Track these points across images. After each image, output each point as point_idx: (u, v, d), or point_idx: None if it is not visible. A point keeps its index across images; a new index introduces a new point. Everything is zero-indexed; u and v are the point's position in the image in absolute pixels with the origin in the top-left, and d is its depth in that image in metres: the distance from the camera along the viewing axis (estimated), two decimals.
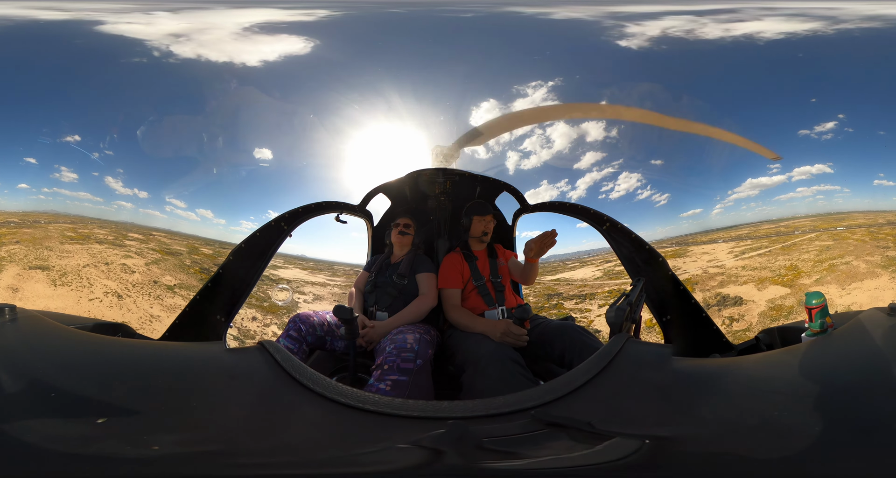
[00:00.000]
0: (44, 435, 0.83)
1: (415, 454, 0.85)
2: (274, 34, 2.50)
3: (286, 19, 2.64)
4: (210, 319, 2.03)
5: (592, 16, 2.65)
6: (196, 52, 2.42)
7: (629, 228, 2.15)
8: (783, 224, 2.75)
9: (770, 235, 2.82)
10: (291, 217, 2.12)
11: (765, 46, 2.59)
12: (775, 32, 2.64)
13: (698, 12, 2.68)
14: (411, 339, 1.69)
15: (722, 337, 2.04)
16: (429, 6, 2.74)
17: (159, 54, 2.42)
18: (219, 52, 2.42)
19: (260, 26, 2.56)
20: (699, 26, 2.60)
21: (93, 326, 1.55)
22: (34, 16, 2.78)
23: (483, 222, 2.20)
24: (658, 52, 2.55)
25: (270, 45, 2.43)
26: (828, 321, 1.18)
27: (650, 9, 2.68)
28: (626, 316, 1.36)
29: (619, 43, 2.50)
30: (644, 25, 2.55)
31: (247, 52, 2.42)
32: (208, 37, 2.49)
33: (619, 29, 2.54)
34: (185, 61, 2.40)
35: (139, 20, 2.65)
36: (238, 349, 1.11)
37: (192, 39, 2.46)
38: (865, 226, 2.86)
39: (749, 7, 2.85)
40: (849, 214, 2.71)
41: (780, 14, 2.80)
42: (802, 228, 2.84)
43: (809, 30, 2.65)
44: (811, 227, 2.81)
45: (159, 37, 2.48)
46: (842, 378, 0.96)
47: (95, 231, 2.69)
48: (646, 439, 0.84)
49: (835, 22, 2.68)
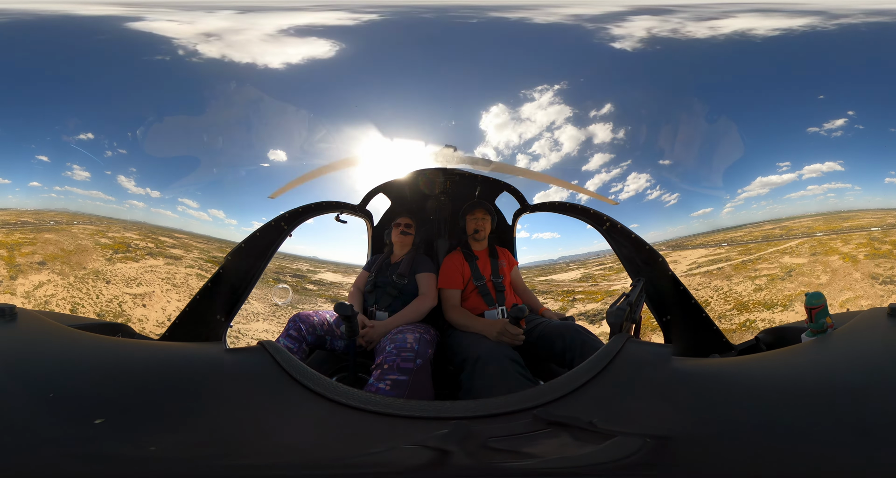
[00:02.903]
0: (43, 435, 0.83)
1: (416, 455, 0.85)
2: (303, 37, 2.49)
3: (326, 23, 2.61)
4: (210, 319, 2.03)
5: (567, 20, 2.64)
6: (222, 52, 2.40)
7: (629, 229, 2.15)
8: (783, 224, 2.71)
9: (749, 242, 2.74)
10: (291, 217, 2.12)
11: (762, 43, 2.57)
12: (768, 29, 2.61)
13: (661, 10, 2.66)
14: (411, 338, 1.69)
15: (722, 337, 2.04)
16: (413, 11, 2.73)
17: (184, 53, 2.39)
18: (243, 53, 2.40)
19: (297, 29, 2.55)
20: (679, 25, 2.58)
21: (93, 326, 1.55)
22: (70, 10, 2.74)
23: (474, 220, 2.20)
24: (653, 53, 2.54)
25: (296, 47, 2.41)
26: (828, 321, 1.18)
27: (614, 9, 2.66)
28: (626, 316, 1.36)
29: (613, 45, 2.49)
30: (623, 26, 2.53)
31: (271, 53, 2.40)
32: (238, 38, 2.47)
33: (605, 31, 2.53)
34: (209, 61, 2.38)
35: (180, 19, 2.62)
36: (238, 349, 1.11)
37: (222, 39, 2.44)
38: (868, 228, 2.77)
39: (726, 3, 2.83)
40: (856, 213, 2.64)
41: (759, 10, 2.77)
42: (796, 232, 2.75)
43: (807, 25, 2.63)
44: (805, 229, 2.75)
45: (189, 36, 2.45)
46: (842, 378, 0.96)
47: (126, 235, 2.54)
48: (646, 438, 0.84)
49: (829, 17, 2.66)
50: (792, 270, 2.80)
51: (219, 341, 1.96)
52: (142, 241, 2.54)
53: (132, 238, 2.54)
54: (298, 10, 2.83)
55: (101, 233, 2.56)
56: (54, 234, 2.57)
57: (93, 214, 2.46)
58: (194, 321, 2.02)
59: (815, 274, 2.81)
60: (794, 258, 2.81)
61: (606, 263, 2.67)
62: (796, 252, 2.81)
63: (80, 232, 2.56)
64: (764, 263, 2.80)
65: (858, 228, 2.77)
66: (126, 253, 2.58)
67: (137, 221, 2.42)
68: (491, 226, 2.27)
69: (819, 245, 2.82)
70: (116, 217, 2.44)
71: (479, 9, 2.68)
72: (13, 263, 2.60)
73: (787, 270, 2.78)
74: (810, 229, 2.74)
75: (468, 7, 2.71)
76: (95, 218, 2.47)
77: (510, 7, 2.73)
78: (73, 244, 2.59)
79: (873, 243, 2.84)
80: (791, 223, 2.69)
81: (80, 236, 2.57)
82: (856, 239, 2.83)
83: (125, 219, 2.43)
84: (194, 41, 2.42)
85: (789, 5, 2.85)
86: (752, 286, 2.73)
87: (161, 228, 2.45)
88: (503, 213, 2.56)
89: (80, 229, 2.55)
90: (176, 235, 2.49)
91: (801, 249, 2.82)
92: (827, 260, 2.85)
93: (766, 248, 2.77)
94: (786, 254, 2.80)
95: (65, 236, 2.58)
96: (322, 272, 2.91)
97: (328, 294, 3.10)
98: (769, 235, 2.72)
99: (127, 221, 2.43)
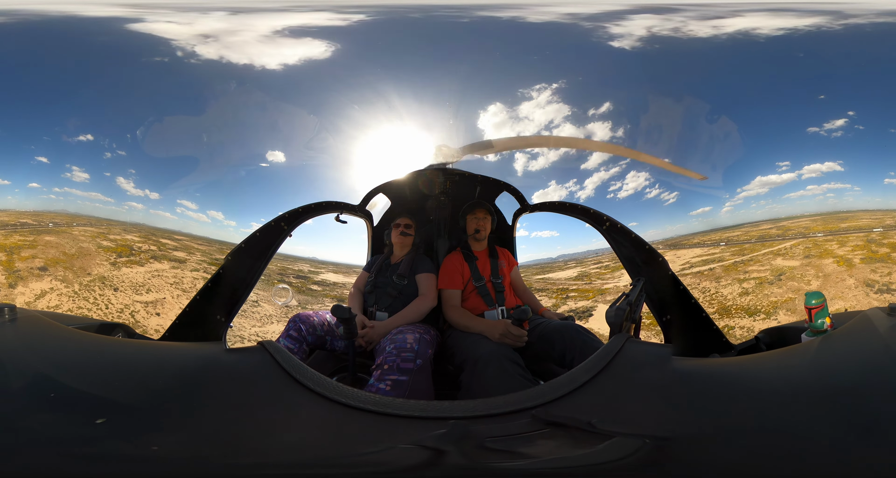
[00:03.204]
0: (44, 435, 0.83)
1: (416, 454, 0.85)
2: (299, 38, 2.48)
3: (319, 23, 2.61)
4: (210, 319, 2.03)
5: (563, 19, 2.63)
6: (219, 53, 2.39)
7: (629, 228, 2.15)
8: (781, 223, 2.68)
9: (745, 242, 2.67)
10: (291, 217, 2.12)
11: (766, 43, 2.57)
12: (772, 28, 2.60)
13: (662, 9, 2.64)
14: (411, 339, 1.69)
15: (722, 337, 2.04)
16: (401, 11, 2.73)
17: (183, 54, 2.39)
18: (240, 54, 2.39)
19: (291, 30, 2.54)
20: (682, 24, 2.57)
21: (93, 327, 1.55)
22: (73, 11, 2.73)
23: (475, 220, 2.20)
24: (652, 52, 2.53)
25: (293, 48, 2.40)
26: (828, 321, 1.18)
27: (613, 8, 2.64)
28: (626, 316, 1.36)
29: (611, 44, 2.48)
30: (622, 25, 2.52)
31: (268, 54, 2.39)
32: (235, 39, 2.46)
33: (603, 30, 2.52)
34: (207, 62, 2.38)
35: (179, 20, 2.61)
36: (238, 349, 1.11)
37: (219, 40, 2.43)
38: (866, 229, 2.72)
39: (734, 2, 2.82)
40: (855, 213, 2.61)
41: (766, 9, 2.75)
42: (793, 232, 2.69)
43: (812, 25, 2.62)
44: (802, 229, 2.71)
45: (188, 37, 2.45)
46: (842, 378, 0.96)
47: (127, 237, 2.48)
48: (646, 438, 0.85)
49: (839, 17, 2.64)
50: (782, 274, 2.75)
51: (219, 341, 1.97)
52: (143, 243, 2.49)
53: (133, 240, 2.49)
54: (285, 10, 2.82)
55: (103, 235, 2.51)
56: (55, 236, 2.53)
57: (92, 215, 2.45)
58: (194, 321, 2.02)
59: (805, 279, 2.74)
60: (787, 260, 2.77)
61: (604, 261, 2.66)
62: (790, 254, 2.77)
63: (81, 234, 2.52)
64: (755, 265, 2.75)
65: (856, 229, 2.73)
66: (130, 256, 2.53)
67: (137, 223, 2.41)
68: (491, 226, 2.27)
69: (814, 246, 2.77)
70: (115, 219, 2.43)
71: (466, 8, 2.67)
72: (12, 268, 2.55)
73: (777, 274, 2.73)
74: (807, 230, 2.69)
75: (454, 7, 2.70)
76: (95, 220, 2.45)
77: (499, 6, 2.71)
78: (75, 247, 2.54)
79: (870, 246, 2.80)
80: (789, 223, 2.65)
81: (81, 239, 2.52)
82: (853, 241, 2.79)
83: (124, 221, 2.42)
84: (192, 43, 2.42)
85: (801, 4, 2.83)
86: (738, 289, 2.67)
87: (161, 230, 2.44)
88: (503, 213, 2.56)
89: (81, 231, 2.50)
90: (176, 236, 2.47)
91: (796, 251, 2.77)
92: (820, 263, 2.80)
93: (760, 248, 2.72)
94: (779, 255, 2.75)
95: (66, 239, 2.54)
96: (323, 273, 2.90)
97: (333, 294, 3.08)
98: (765, 235, 2.69)
99: (126, 222, 2.42)
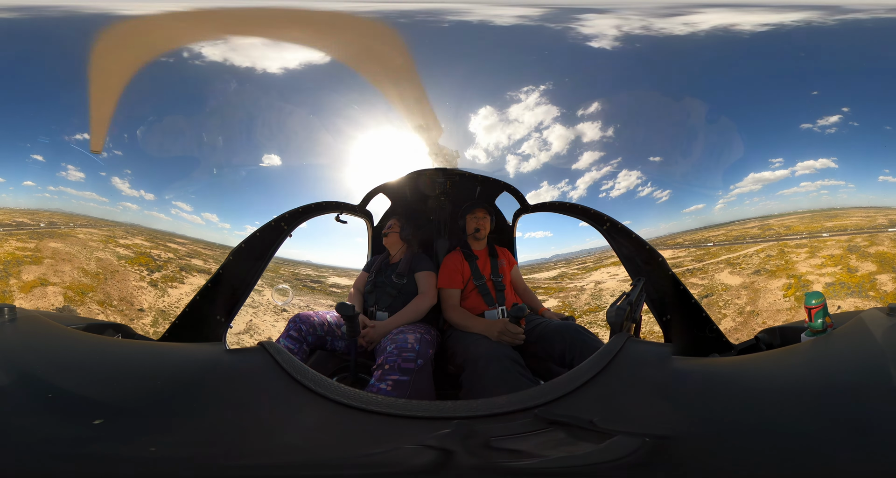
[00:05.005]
0: (43, 435, 0.83)
1: (418, 454, 0.85)
2: (301, 43, 2.48)
3: None
4: (210, 320, 2.03)
5: (523, 21, 2.61)
6: (224, 55, 2.39)
7: (629, 228, 2.16)
8: (765, 222, 2.61)
9: (709, 245, 2.51)
10: (291, 217, 2.13)
11: (750, 39, 2.54)
12: (754, 23, 2.57)
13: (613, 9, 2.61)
14: (412, 339, 1.70)
15: (722, 337, 2.05)
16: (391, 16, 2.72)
17: (188, 55, 2.39)
18: (244, 57, 2.39)
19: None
20: (644, 22, 2.53)
21: (93, 327, 1.55)
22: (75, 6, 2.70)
23: (475, 219, 2.21)
24: (633, 50, 2.51)
25: (293, 52, 2.40)
26: (828, 321, 1.18)
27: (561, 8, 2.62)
28: (626, 316, 1.36)
29: (590, 45, 2.47)
30: (587, 25, 2.50)
31: (270, 58, 2.39)
32: (241, 41, 2.46)
33: (574, 31, 2.50)
34: (211, 64, 2.38)
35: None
36: (238, 350, 1.11)
37: (227, 42, 2.43)
38: (853, 231, 2.57)
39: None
40: (847, 211, 2.54)
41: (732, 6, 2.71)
42: (772, 232, 2.54)
43: (801, 20, 2.59)
44: (782, 229, 2.59)
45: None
46: (842, 378, 0.96)
47: (135, 241, 2.39)
48: (646, 438, 0.85)
49: (835, 12, 2.62)
50: (710, 295, 2.49)
51: (219, 342, 1.96)
52: (154, 248, 2.39)
53: (144, 245, 2.39)
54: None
55: (111, 239, 2.39)
56: (60, 241, 2.39)
57: (88, 215, 2.43)
58: (194, 321, 2.03)
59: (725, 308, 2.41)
60: (731, 276, 2.54)
61: (588, 262, 2.64)
62: (743, 264, 2.56)
63: (88, 238, 2.39)
64: (697, 278, 2.52)
65: (840, 231, 2.59)
66: (159, 271, 2.39)
67: (134, 224, 2.39)
68: (490, 226, 2.27)
69: (779, 255, 2.59)
70: (111, 219, 2.42)
71: (438, 13, 2.66)
72: (9, 298, 2.33)
73: (706, 292, 2.49)
74: (787, 230, 2.58)
75: (429, 12, 2.68)
76: (92, 219, 2.43)
77: (459, 11, 2.69)
78: (92, 259, 2.37)
79: (849, 258, 2.59)
80: (773, 222, 2.60)
81: (91, 245, 2.36)
82: (831, 247, 2.60)
83: (121, 221, 2.39)
84: (200, 44, 2.41)
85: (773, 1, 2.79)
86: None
87: (157, 232, 2.43)
88: (503, 213, 2.56)
89: (87, 235, 2.39)
90: (177, 239, 2.46)
91: (752, 261, 2.58)
92: (764, 286, 2.51)
93: (720, 254, 2.55)
94: (730, 265, 2.55)
95: (73, 245, 2.37)
96: (330, 277, 2.88)
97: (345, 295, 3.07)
98: (741, 237, 2.55)
99: (124, 223, 2.40)
